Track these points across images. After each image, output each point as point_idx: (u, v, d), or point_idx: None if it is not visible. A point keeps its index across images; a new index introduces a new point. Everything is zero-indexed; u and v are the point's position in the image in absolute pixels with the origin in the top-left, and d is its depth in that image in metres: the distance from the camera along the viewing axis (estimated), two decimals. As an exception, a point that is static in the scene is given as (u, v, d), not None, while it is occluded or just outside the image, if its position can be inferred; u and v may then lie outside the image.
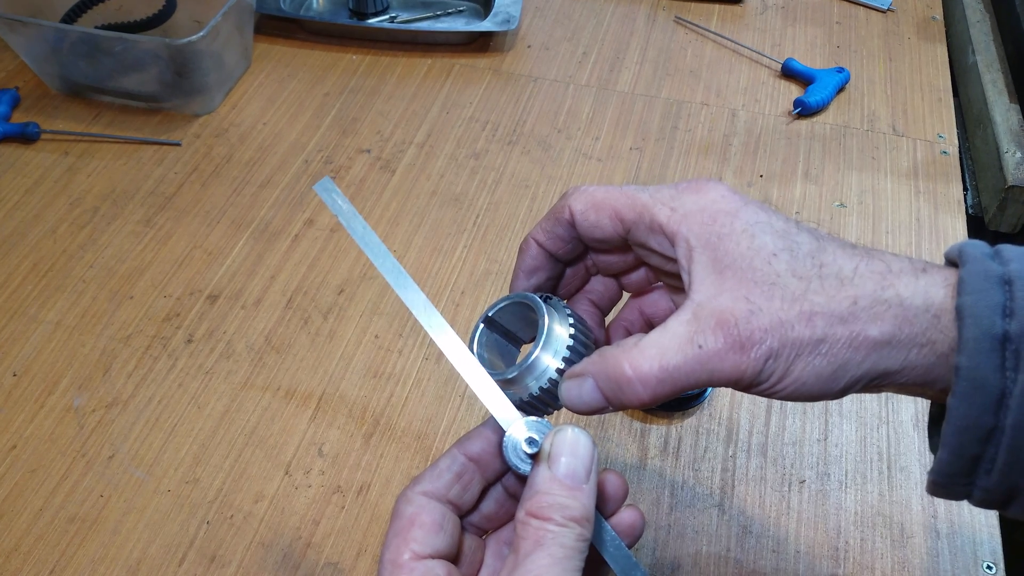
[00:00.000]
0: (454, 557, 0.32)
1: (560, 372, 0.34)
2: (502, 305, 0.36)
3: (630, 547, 0.33)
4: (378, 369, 0.60)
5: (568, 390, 0.33)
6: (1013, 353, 0.27)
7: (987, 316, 0.27)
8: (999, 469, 0.28)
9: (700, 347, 0.30)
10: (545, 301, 0.35)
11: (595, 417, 0.57)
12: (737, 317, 0.30)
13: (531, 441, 0.32)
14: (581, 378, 0.32)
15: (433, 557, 0.30)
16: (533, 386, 0.34)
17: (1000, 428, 0.27)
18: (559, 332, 0.34)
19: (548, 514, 0.29)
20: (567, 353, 0.34)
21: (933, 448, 0.32)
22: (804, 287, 0.30)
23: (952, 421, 0.28)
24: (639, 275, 0.38)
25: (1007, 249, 0.29)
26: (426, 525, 0.31)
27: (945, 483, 0.30)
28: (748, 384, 0.30)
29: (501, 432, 0.33)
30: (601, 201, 0.34)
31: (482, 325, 0.36)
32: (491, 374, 0.34)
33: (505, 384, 0.34)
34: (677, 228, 0.32)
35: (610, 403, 0.32)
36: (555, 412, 0.35)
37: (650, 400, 0.31)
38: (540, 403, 0.34)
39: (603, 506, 0.34)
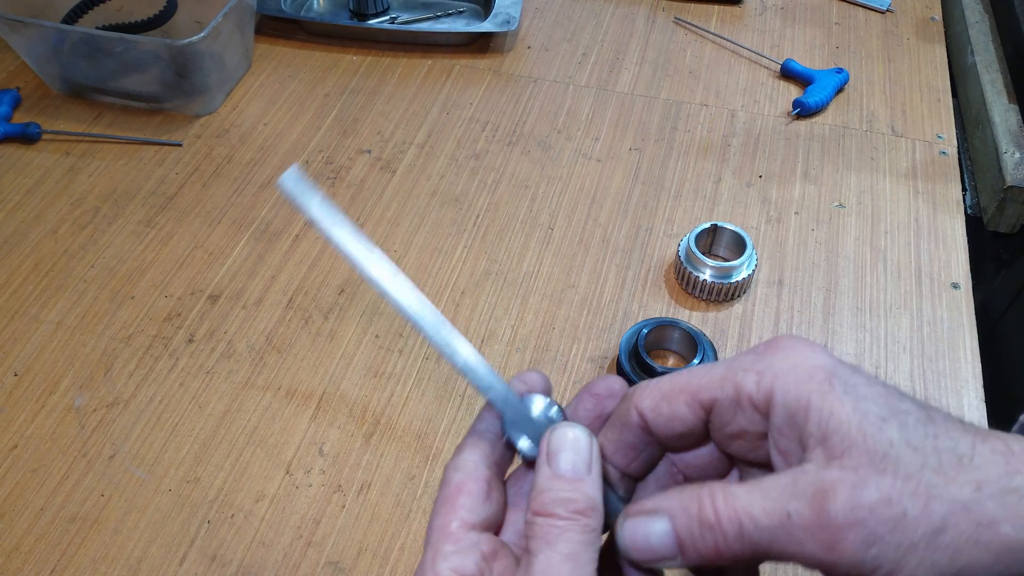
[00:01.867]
0: (500, 523, 0.32)
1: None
2: None
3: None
4: (378, 369, 0.60)
5: (634, 527, 0.29)
6: None
7: None
8: None
9: (790, 516, 0.26)
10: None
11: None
12: (839, 491, 0.25)
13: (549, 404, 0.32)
14: (653, 515, 0.28)
15: (481, 527, 0.30)
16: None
17: None
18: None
19: (552, 510, 0.29)
20: None
21: None
22: (920, 462, 0.26)
23: None
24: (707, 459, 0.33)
25: None
26: (474, 493, 0.30)
27: None
28: (845, 574, 0.26)
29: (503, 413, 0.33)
30: (670, 390, 0.30)
31: None
32: None
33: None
34: (770, 394, 0.28)
35: (683, 550, 0.28)
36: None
37: (728, 555, 0.27)
38: None
39: (606, 401, 0.33)
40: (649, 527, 0.28)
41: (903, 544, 0.25)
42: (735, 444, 0.30)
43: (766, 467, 0.29)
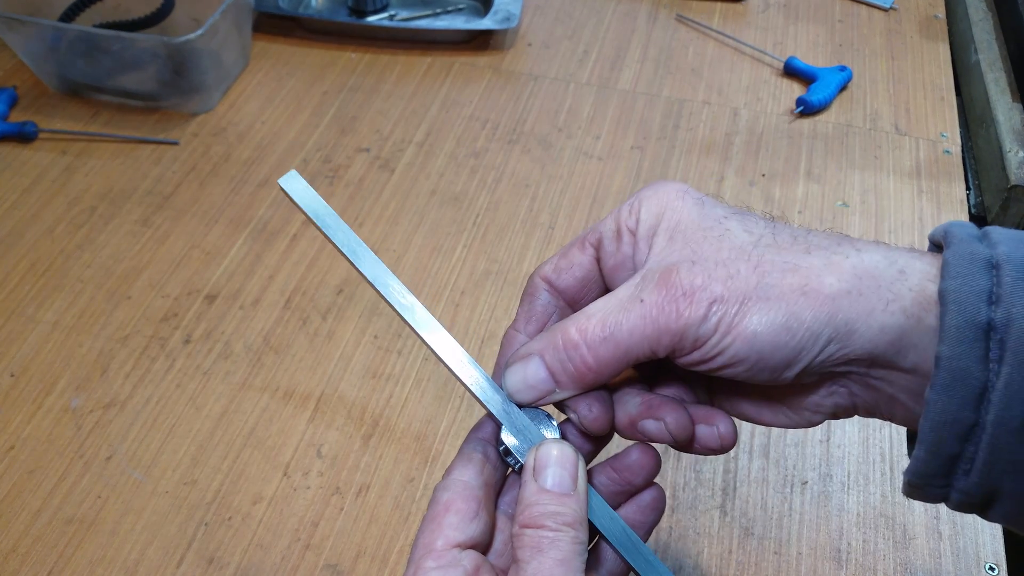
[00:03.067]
0: (488, 544, 0.32)
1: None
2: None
3: (655, 523, 0.34)
4: (377, 369, 0.59)
5: (513, 373, 0.32)
6: (998, 343, 0.25)
7: (971, 302, 0.25)
8: (978, 469, 0.26)
9: (642, 300, 0.29)
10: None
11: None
12: (680, 267, 0.29)
13: (538, 417, 0.33)
14: (526, 358, 0.31)
15: (466, 545, 0.30)
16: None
17: (981, 424, 0.26)
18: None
19: (541, 522, 0.29)
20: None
21: (911, 453, 0.31)
22: (755, 240, 0.29)
23: (930, 416, 0.26)
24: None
25: (995, 231, 0.28)
26: (461, 511, 0.30)
27: (921, 483, 0.28)
28: (695, 338, 0.28)
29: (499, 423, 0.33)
30: (563, 249, 0.34)
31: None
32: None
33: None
34: (639, 215, 0.32)
35: (557, 380, 0.31)
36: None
37: (596, 365, 0.30)
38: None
39: (634, 477, 0.34)
40: (525, 369, 0.31)
41: (737, 298, 0.28)
42: (621, 276, 0.32)
43: None
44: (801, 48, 0.87)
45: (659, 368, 0.35)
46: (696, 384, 0.34)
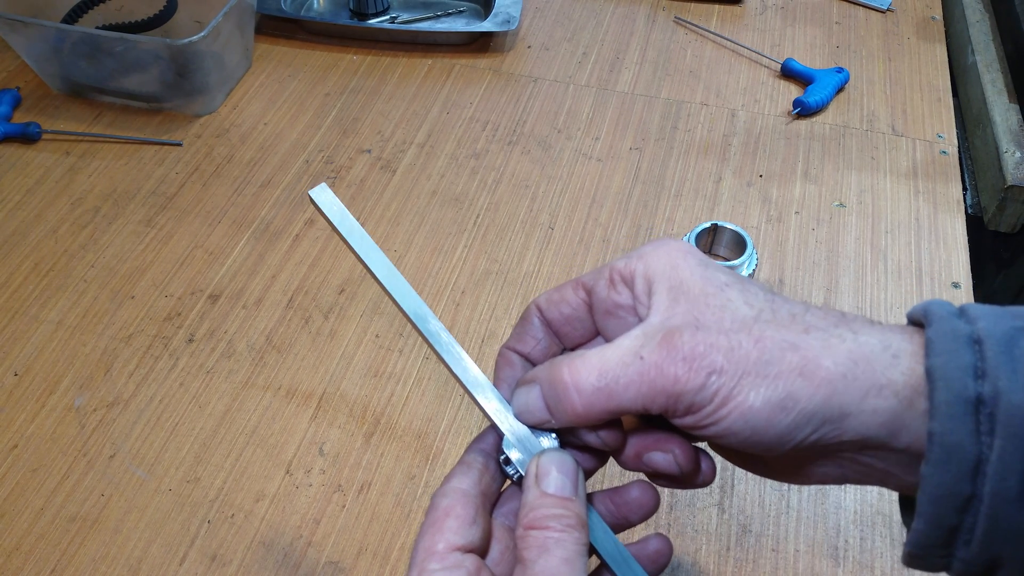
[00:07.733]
0: (485, 551, 0.33)
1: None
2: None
3: (656, 575, 0.34)
4: (379, 368, 0.60)
5: (518, 396, 0.33)
6: (988, 417, 0.26)
7: (958, 378, 0.26)
8: (978, 539, 0.27)
9: (642, 358, 0.29)
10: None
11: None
12: (683, 331, 0.29)
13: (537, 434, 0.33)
14: (530, 384, 0.33)
15: (466, 549, 0.31)
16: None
17: (978, 496, 0.26)
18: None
19: (546, 523, 0.30)
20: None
21: (906, 523, 0.30)
22: (755, 314, 0.30)
23: (927, 490, 0.27)
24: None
25: (973, 308, 0.29)
26: (461, 516, 0.31)
27: (922, 554, 0.28)
28: (690, 404, 0.29)
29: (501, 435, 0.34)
30: (559, 285, 0.35)
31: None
32: None
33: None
34: (635, 268, 0.32)
35: (552, 414, 0.32)
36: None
37: (584, 411, 0.30)
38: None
39: (631, 514, 0.35)
40: (527, 394, 0.33)
41: (737, 372, 0.28)
42: (611, 323, 0.33)
43: None
44: (798, 50, 0.88)
45: (654, 416, 0.36)
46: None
